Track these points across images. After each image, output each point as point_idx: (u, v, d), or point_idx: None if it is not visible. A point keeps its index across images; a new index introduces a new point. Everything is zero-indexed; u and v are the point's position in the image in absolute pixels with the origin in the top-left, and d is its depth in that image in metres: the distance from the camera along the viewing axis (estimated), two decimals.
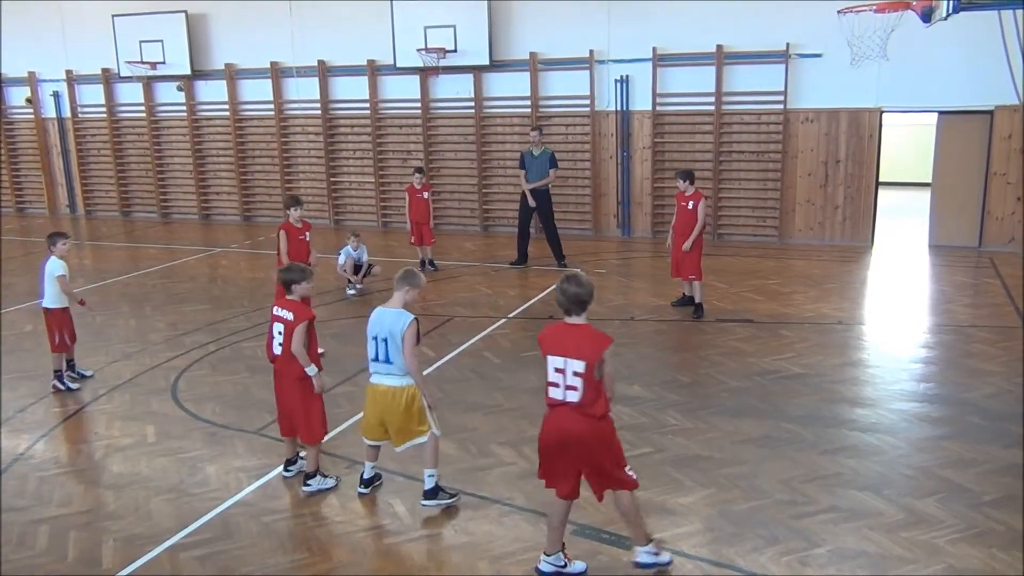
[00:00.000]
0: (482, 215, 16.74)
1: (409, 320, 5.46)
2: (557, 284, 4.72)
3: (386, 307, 5.60)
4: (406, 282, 5.56)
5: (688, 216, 10.10)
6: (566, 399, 4.62)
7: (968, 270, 12.46)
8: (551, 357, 4.64)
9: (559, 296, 4.68)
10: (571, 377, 4.58)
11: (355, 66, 16.95)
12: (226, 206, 19.04)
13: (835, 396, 7.68)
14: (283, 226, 9.12)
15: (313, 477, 6.09)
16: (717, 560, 5.09)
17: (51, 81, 19.86)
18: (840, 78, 13.76)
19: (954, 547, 5.16)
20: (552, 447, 4.73)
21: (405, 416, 5.61)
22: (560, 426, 4.67)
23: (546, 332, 4.78)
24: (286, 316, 5.91)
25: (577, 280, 4.66)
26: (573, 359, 4.57)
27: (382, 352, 5.53)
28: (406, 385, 5.58)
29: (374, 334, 5.55)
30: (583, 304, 4.65)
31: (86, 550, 5.40)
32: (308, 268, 6.35)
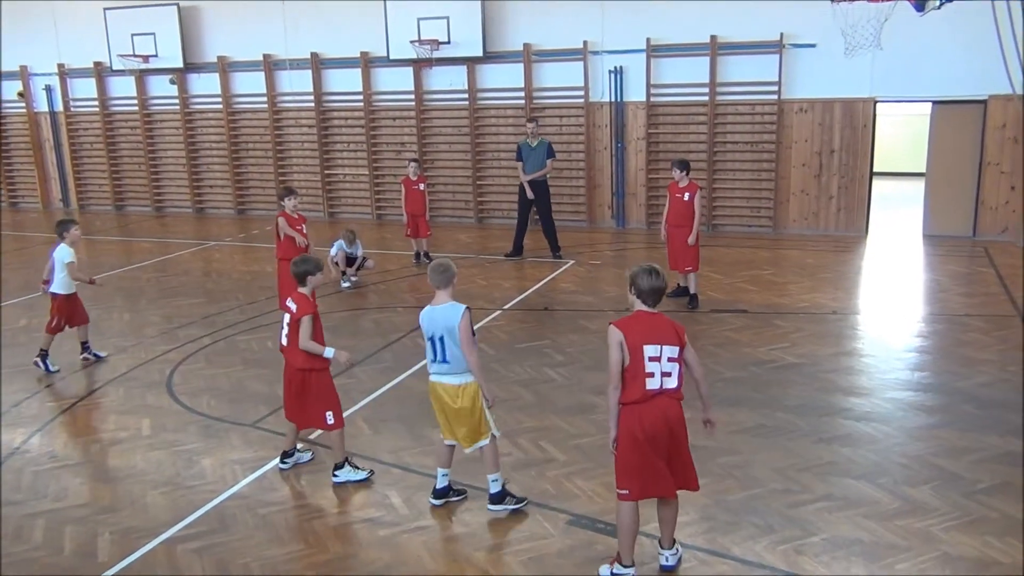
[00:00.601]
0: (476, 207, 16.72)
1: (463, 310, 5.37)
2: (636, 272, 4.63)
3: (434, 305, 5.47)
4: (448, 276, 5.46)
5: (683, 207, 10.07)
6: (663, 386, 4.56)
7: (962, 259, 12.49)
8: (647, 346, 4.53)
9: (643, 284, 4.60)
10: (667, 364, 4.56)
11: (348, 58, 16.90)
12: (220, 199, 18.99)
13: (829, 385, 7.70)
14: (281, 214, 9.43)
15: (341, 467, 6.09)
16: (713, 549, 5.11)
17: (43, 75, 19.75)
18: (834, 68, 13.76)
19: (948, 535, 5.19)
20: (659, 438, 4.57)
21: (469, 415, 5.48)
22: (666, 414, 4.56)
23: (629, 324, 4.62)
24: (292, 308, 5.95)
25: (658, 273, 4.63)
26: (668, 345, 4.56)
27: (439, 351, 5.43)
28: (466, 383, 5.46)
29: (430, 335, 5.44)
30: (662, 296, 4.67)
31: (82, 543, 5.39)
32: (321, 260, 6.30)
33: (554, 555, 5.11)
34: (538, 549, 5.18)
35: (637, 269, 4.69)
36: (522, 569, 4.99)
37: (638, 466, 4.62)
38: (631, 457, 4.63)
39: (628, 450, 4.63)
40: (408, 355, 8.78)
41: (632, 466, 4.64)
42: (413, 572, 5.01)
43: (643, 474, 4.62)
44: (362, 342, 9.26)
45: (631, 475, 4.64)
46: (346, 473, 6.08)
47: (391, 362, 8.62)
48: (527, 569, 4.98)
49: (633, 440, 4.59)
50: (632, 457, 4.62)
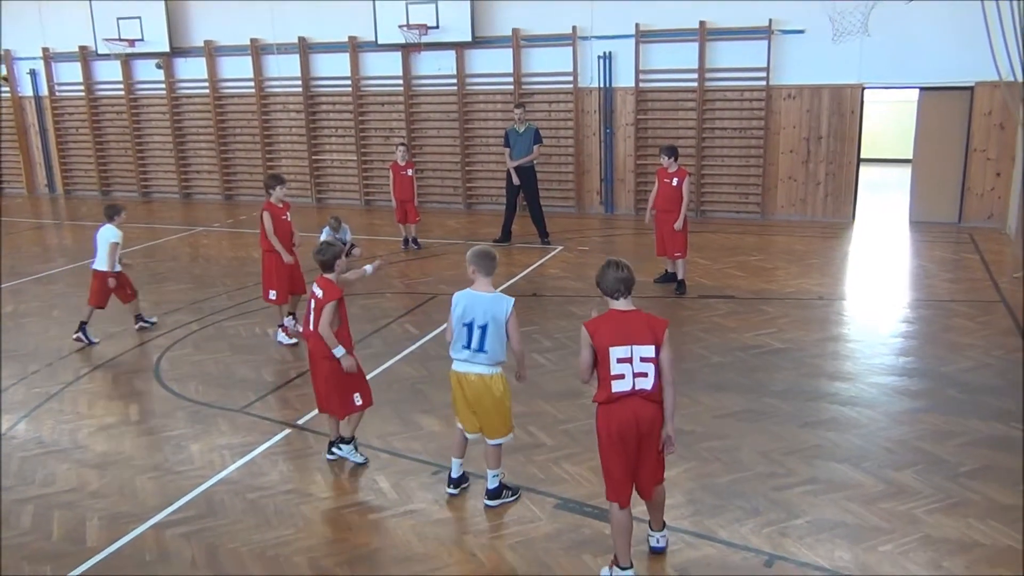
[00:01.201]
0: (465, 193, 16.70)
1: (512, 303, 5.27)
2: (600, 271, 4.59)
3: (476, 291, 5.30)
4: (494, 264, 5.37)
5: (671, 193, 10.08)
6: (635, 387, 4.45)
7: (948, 245, 12.57)
8: (613, 348, 4.44)
9: (608, 283, 4.54)
10: (639, 364, 4.45)
11: (336, 43, 16.81)
12: (207, 185, 18.90)
13: (815, 370, 7.76)
14: (266, 206, 8.77)
15: (347, 443, 6.10)
16: (699, 532, 5.16)
17: (28, 59, 19.58)
18: (822, 54, 13.80)
19: (931, 517, 5.25)
20: (627, 438, 4.48)
21: (500, 406, 5.38)
22: (637, 414, 4.45)
23: (598, 324, 4.54)
24: (317, 293, 5.92)
25: (623, 265, 4.56)
26: (640, 345, 4.46)
27: (477, 340, 5.23)
28: (496, 374, 5.35)
29: (468, 320, 5.24)
30: (630, 288, 4.57)
31: (71, 528, 5.40)
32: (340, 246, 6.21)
33: (542, 538, 5.15)
34: (526, 533, 5.22)
35: (601, 267, 4.61)
36: (510, 553, 5.03)
37: (609, 467, 4.60)
38: (605, 459, 4.62)
39: (602, 450, 4.62)
40: (397, 341, 8.79)
41: (605, 467, 4.64)
42: (402, 555, 5.04)
43: (616, 474, 4.59)
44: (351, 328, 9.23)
45: (606, 475, 4.64)
46: (348, 451, 6.09)
47: (380, 348, 8.63)
48: (515, 552, 5.02)
49: (605, 440, 4.56)
50: (605, 460, 4.61)
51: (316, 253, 6.05)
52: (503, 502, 5.54)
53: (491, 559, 4.99)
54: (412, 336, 8.83)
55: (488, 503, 5.54)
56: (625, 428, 4.48)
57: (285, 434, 6.68)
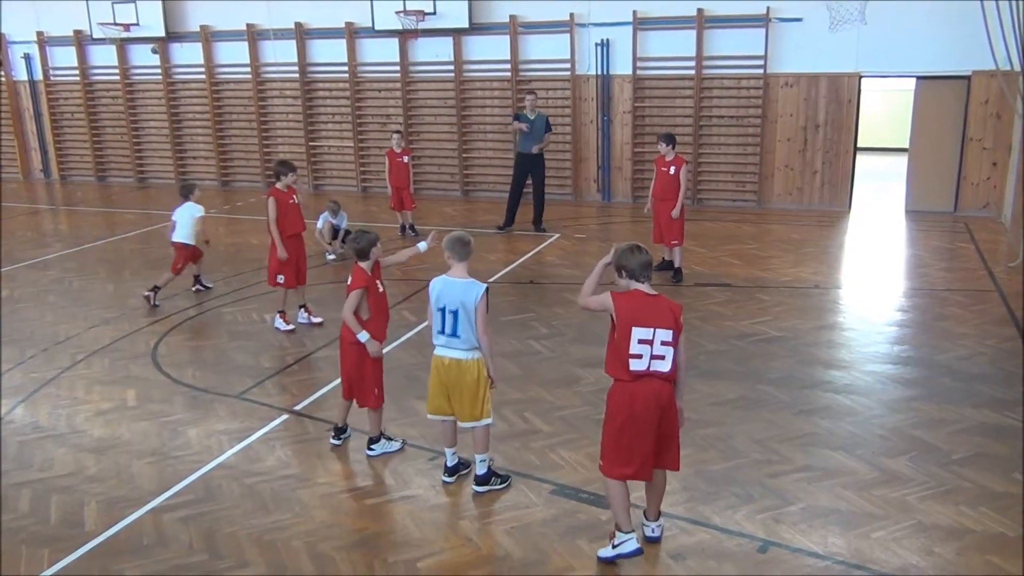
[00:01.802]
0: (462, 180, 16.68)
1: (482, 290, 5.27)
2: (622, 253, 4.57)
3: (451, 277, 5.34)
4: (468, 250, 5.36)
5: (669, 181, 10.10)
6: (651, 368, 4.49)
7: (944, 235, 12.60)
8: (638, 328, 4.46)
9: (635, 266, 4.54)
10: (659, 347, 4.48)
11: (333, 28, 16.74)
12: (203, 171, 18.85)
13: (810, 358, 7.80)
14: (271, 192, 8.62)
15: (376, 441, 6.10)
16: (693, 518, 5.20)
17: (22, 43, 19.47)
18: (820, 43, 13.79)
19: (923, 504, 5.30)
20: (650, 418, 4.53)
21: (474, 390, 5.40)
22: (659, 394, 4.52)
23: (624, 300, 4.55)
24: (347, 281, 5.95)
25: (641, 248, 4.58)
26: (662, 328, 4.47)
27: (450, 325, 5.30)
28: (473, 358, 5.38)
29: (441, 305, 5.31)
30: (651, 270, 4.61)
31: (69, 512, 5.43)
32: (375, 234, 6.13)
33: (538, 524, 5.18)
34: (522, 518, 5.25)
35: (622, 250, 4.61)
36: (506, 538, 5.06)
37: (625, 444, 4.61)
38: (618, 435, 4.63)
39: (616, 427, 4.63)
40: (394, 327, 8.72)
41: (618, 444, 4.64)
42: (399, 540, 5.07)
43: (628, 453, 4.61)
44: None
45: (617, 452, 4.65)
46: (382, 446, 6.10)
47: None
48: (511, 538, 5.06)
49: (625, 417, 4.57)
50: (619, 435, 4.62)
51: (352, 241, 6.04)
52: (491, 489, 5.56)
53: (487, 544, 5.03)
54: (409, 323, 8.85)
55: (476, 488, 5.57)
56: (648, 407, 4.53)
57: (283, 420, 6.71)
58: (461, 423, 5.53)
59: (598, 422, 6.34)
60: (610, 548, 4.78)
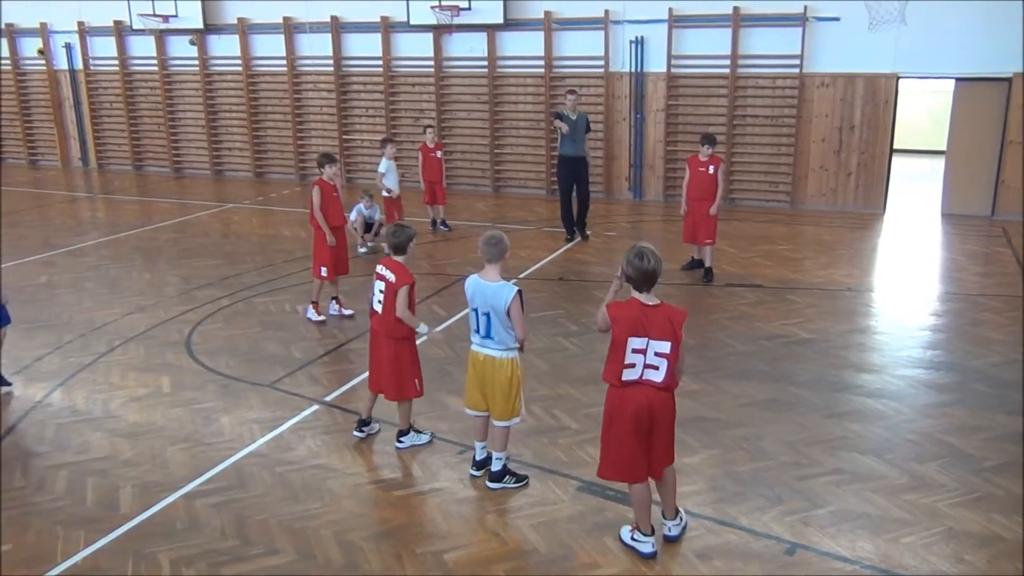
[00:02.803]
0: (494, 176, 16.71)
1: (514, 293, 5.21)
2: (627, 257, 4.52)
3: (483, 279, 5.32)
4: (501, 250, 5.31)
5: (707, 181, 10.06)
6: (643, 377, 4.52)
7: (980, 239, 12.43)
8: (633, 339, 4.45)
9: (636, 275, 4.49)
10: (652, 357, 4.48)
11: (368, 23, 16.83)
12: (238, 162, 19.05)
13: (841, 361, 7.74)
14: (317, 182, 8.83)
15: (406, 434, 6.14)
16: (721, 519, 5.19)
17: (63, 32, 19.77)
18: (857, 42, 13.64)
19: (954, 511, 5.25)
20: (640, 423, 4.57)
21: (506, 388, 5.41)
22: (650, 399, 4.55)
23: (621, 312, 4.51)
24: (389, 277, 5.84)
25: (652, 256, 4.47)
26: (656, 340, 4.46)
27: (483, 326, 5.33)
28: (507, 358, 5.39)
29: (475, 306, 5.35)
30: (656, 281, 4.52)
31: (104, 495, 5.53)
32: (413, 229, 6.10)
33: (564, 520, 5.20)
34: (548, 514, 5.28)
35: (627, 255, 4.54)
36: (532, 533, 5.09)
37: (615, 449, 4.68)
38: (609, 439, 4.71)
39: (611, 432, 4.69)
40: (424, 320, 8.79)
41: (608, 448, 4.73)
42: (426, 532, 5.12)
43: (616, 457, 4.69)
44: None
45: (614, 456, 4.71)
46: (411, 438, 6.14)
47: None
48: (537, 533, 5.08)
49: (618, 423, 4.63)
50: (611, 440, 4.70)
51: (391, 235, 5.97)
52: (504, 486, 5.57)
53: (513, 539, 5.06)
54: (439, 317, 8.90)
55: (489, 485, 5.59)
56: (640, 413, 4.57)
57: (313, 410, 6.79)
58: (496, 422, 5.55)
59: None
60: (629, 535, 4.89)
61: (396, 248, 5.93)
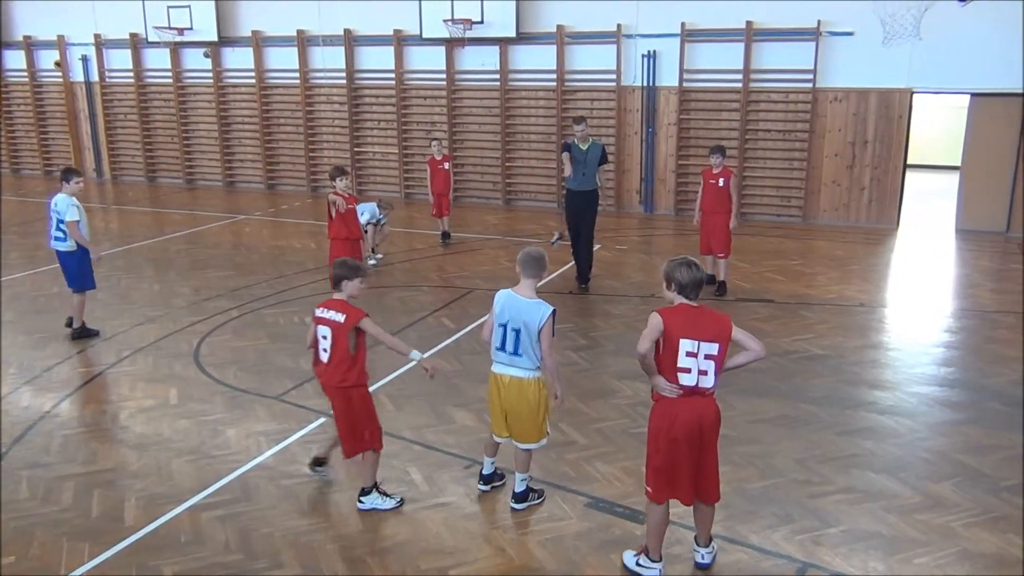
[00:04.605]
0: (505, 189, 16.71)
1: (549, 312, 5.04)
2: (673, 267, 4.50)
3: (517, 294, 5.16)
4: (541, 267, 5.18)
5: (719, 193, 10.03)
6: (699, 384, 4.44)
7: (995, 255, 12.32)
8: (684, 340, 4.38)
9: (684, 278, 4.46)
10: (703, 361, 4.42)
11: (381, 36, 16.90)
12: (250, 174, 19.13)
13: (854, 378, 7.66)
14: (334, 192, 9.22)
15: (368, 493, 5.48)
16: (731, 537, 5.12)
17: (80, 45, 19.95)
18: (871, 57, 13.59)
19: (968, 531, 5.16)
20: (691, 439, 4.48)
21: (534, 411, 5.22)
22: (700, 415, 4.48)
23: (671, 314, 4.44)
24: (336, 318, 5.20)
25: (696, 265, 4.49)
26: (707, 342, 4.39)
27: (511, 343, 5.11)
28: (534, 378, 5.18)
29: (504, 321, 5.11)
30: (701, 288, 4.53)
31: (110, 507, 5.51)
32: (363, 265, 5.60)
33: (572, 537, 5.14)
34: (556, 530, 5.22)
35: (674, 264, 4.51)
36: (539, 549, 5.03)
37: (664, 467, 4.56)
38: (658, 456, 4.57)
39: (656, 449, 4.58)
40: (433, 334, 8.83)
41: (659, 466, 4.58)
42: (432, 548, 5.06)
43: (668, 475, 4.56)
44: (388, 320, 9.31)
45: (657, 474, 4.59)
46: (373, 500, 5.46)
47: (416, 340, 8.65)
48: (544, 550, 5.03)
49: (664, 439, 4.52)
50: (659, 456, 4.56)
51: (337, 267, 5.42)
52: (529, 504, 5.50)
53: (521, 555, 5.00)
54: (448, 330, 8.87)
55: (514, 506, 5.50)
56: (689, 428, 4.47)
57: (320, 422, 6.75)
58: (520, 445, 5.35)
59: (634, 435, 6.34)
60: (634, 559, 4.79)
61: (336, 281, 5.35)
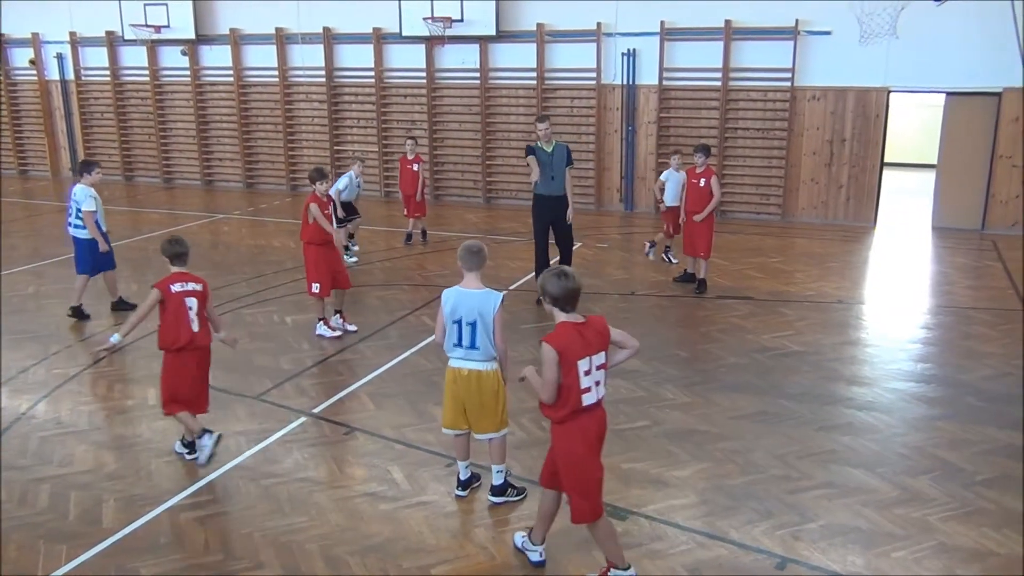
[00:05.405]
0: (485, 187, 16.70)
1: (500, 297, 5.19)
2: (545, 277, 4.44)
3: (465, 288, 5.22)
4: (482, 259, 5.25)
5: (701, 193, 10.06)
6: (599, 397, 4.46)
7: (971, 252, 12.46)
8: (581, 361, 4.33)
9: (553, 292, 4.38)
10: (596, 372, 4.41)
11: (360, 34, 16.84)
12: (229, 172, 19.00)
13: (833, 374, 7.72)
14: (312, 199, 8.63)
15: (190, 444, 6.10)
16: (711, 532, 5.15)
17: (55, 43, 19.73)
18: (848, 56, 13.70)
19: (945, 525, 5.22)
20: (598, 446, 4.51)
21: (493, 402, 5.31)
22: (602, 423, 4.52)
23: (561, 340, 4.35)
24: (196, 287, 6.11)
25: (568, 274, 4.43)
26: (596, 354, 4.40)
27: (468, 337, 5.18)
28: (492, 370, 5.29)
29: (457, 318, 5.19)
30: (577, 299, 4.47)
31: (87, 509, 5.46)
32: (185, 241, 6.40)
33: (553, 534, 5.12)
34: None
35: (547, 274, 4.43)
36: None
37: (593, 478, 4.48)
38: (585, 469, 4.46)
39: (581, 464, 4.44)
40: (413, 332, 8.81)
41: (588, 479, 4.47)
42: (413, 546, 5.06)
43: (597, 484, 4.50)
44: (368, 318, 9.30)
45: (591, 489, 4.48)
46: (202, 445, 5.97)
47: (396, 339, 8.66)
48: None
49: (584, 451, 4.44)
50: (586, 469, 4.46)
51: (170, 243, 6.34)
52: (507, 500, 5.52)
53: (501, 552, 5.01)
54: (428, 328, 8.85)
55: (491, 499, 5.53)
56: (601, 434, 4.53)
57: (301, 422, 6.73)
58: (477, 436, 5.45)
59: (616, 432, 6.36)
60: (522, 540, 4.95)
61: (173, 258, 6.28)
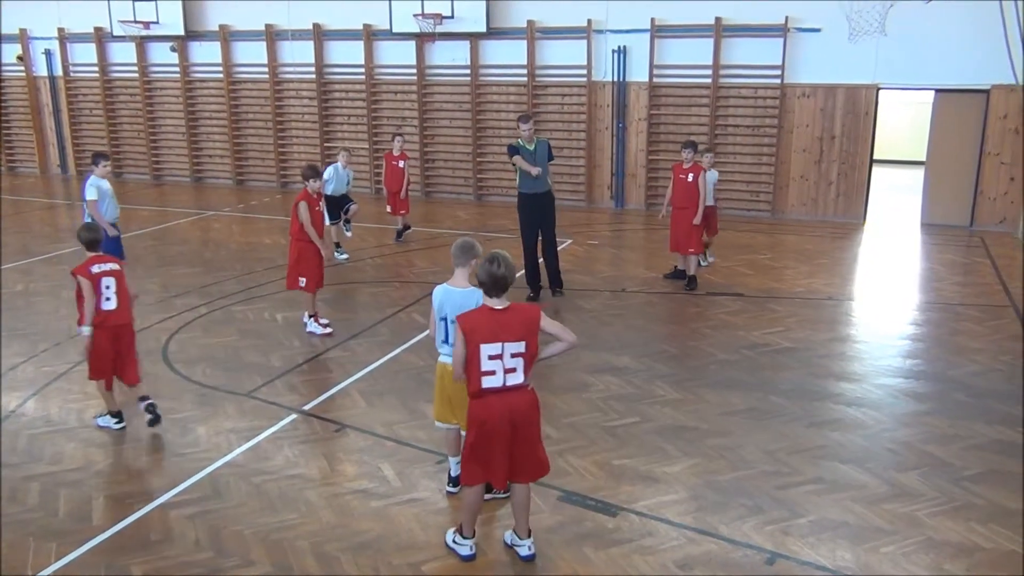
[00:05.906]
0: (476, 184, 16.69)
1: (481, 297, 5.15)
2: (482, 263, 4.61)
3: (452, 286, 5.21)
4: (468, 255, 5.21)
5: (688, 188, 10.07)
6: (506, 383, 4.54)
7: (959, 249, 12.52)
8: (486, 345, 4.48)
9: (483, 276, 4.56)
10: (510, 360, 4.51)
11: (351, 30, 16.80)
12: (219, 169, 18.94)
13: (822, 370, 7.75)
14: (302, 196, 8.56)
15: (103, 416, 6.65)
16: (701, 528, 5.16)
17: (43, 39, 19.62)
18: (838, 53, 13.74)
19: (934, 520, 5.25)
20: (502, 432, 4.59)
21: None
22: (511, 409, 4.57)
23: (472, 320, 4.55)
24: (115, 267, 6.54)
25: (500, 261, 4.55)
26: (511, 342, 4.51)
27: (450, 334, 5.17)
28: None
29: (444, 315, 5.19)
30: (507, 287, 4.59)
31: (77, 507, 5.44)
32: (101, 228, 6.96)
33: (544, 530, 5.16)
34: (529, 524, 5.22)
35: (484, 260, 4.61)
36: None
37: (477, 455, 4.66)
38: (473, 444, 4.67)
39: (475, 439, 4.65)
40: (405, 329, 8.81)
41: (471, 454, 4.69)
42: (404, 543, 5.06)
43: (481, 462, 4.67)
44: (359, 315, 9.29)
45: (470, 461, 4.71)
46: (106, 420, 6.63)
47: (387, 336, 8.65)
48: None
49: (477, 431, 4.62)
50: (474, 444, 4.66)
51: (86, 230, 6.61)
52: (494, 496, 5.48)
53: (492, 549, 5.01)
54: (419, 325, 8.85)
55: (450, 490, 5.58)
56: (499, 422, 4.57)
57: (291, 419, 6.72)
58: (464, 431, 5.42)
59: (607, 429, 6.39)
60: (452, 537, 4.98)
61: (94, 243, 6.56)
